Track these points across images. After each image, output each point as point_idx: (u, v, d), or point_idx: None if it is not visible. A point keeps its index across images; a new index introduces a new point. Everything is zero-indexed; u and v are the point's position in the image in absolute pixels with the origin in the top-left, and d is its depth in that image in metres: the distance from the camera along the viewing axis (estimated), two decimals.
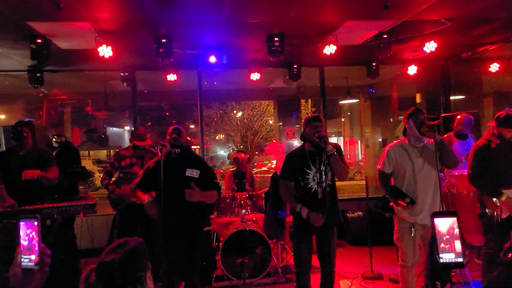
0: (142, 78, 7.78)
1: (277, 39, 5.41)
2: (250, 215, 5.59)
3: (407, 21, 5.19)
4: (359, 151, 21.31)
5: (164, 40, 5.30)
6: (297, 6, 4.50)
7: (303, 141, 3.83)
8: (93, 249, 5.93)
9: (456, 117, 5.71)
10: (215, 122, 25.07)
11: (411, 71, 7.41)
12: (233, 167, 8.53)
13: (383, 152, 3.98)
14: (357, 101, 15.25)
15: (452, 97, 8.13)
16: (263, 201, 5.79)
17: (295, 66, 7.05)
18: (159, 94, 11.32)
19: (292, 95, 14.43)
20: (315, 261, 3.87)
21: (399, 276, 4.02)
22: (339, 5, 4.71)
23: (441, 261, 1.59)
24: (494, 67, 7.39)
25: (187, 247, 3.79)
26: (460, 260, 1.58)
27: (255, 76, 7.13)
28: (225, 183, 6.39)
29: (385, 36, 5.57)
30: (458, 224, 1.59)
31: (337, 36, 5.59)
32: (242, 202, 5.64)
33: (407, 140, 3.83)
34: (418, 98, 9.44)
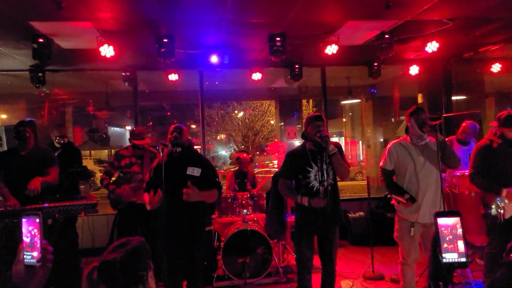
0: (143, 78, 7.79)
1: (278, 39, 5.41)
2: (251, 215, 5.59)
3: (408, 21, 5.19)
4: (361, 152, 21.28)
5: (165, 40, 5.30)
6: (298, 6, 4.49)
7: (304, 140, 3.82)
8: (94, 249, 5.93)
9: (461, 124, 5.59)
10: (216, 122, 25.07)
11: (413, 71, 7.41)
12: (234, 167, 8.53)
13: (385, 149, 4.00)
14: (359, 101, 15.25)
15: (454, 97, 8.11)
16: (265, 201, 5.78)
17: (296, 66, 7.05)
18: (161, 94, 11.32)
19: (293, 95, 14.40)
20: (316, 261, 3.87)
21: (399, 273, 4.03)
22: (341, 5, 4.71)
23: (444, 261, 1.59)
24: (496, 67, 7.38)
25: (189, 247, 3.79)
26: (463, 260, 1.58)
27: (257, 76, 7.13)
28: (226, 183, 6.39)
29: (387, 36, 5.56)
30: (461, 224, 1.58)
31: (339, 36, 5.58)
32: (243, 202, 5.64)
33: (409, 138, 3.86)
34: (419, 98, 9.43)
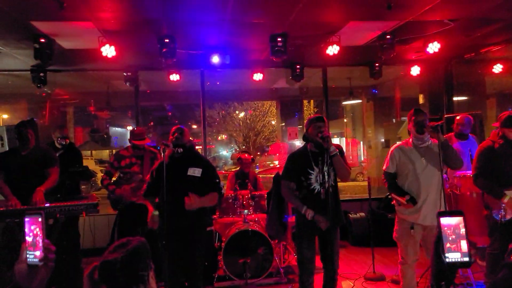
0: (144, 78, 7.79)
1: (280, 39, 5.41)
2: (252, 216, 5.58)
3: (410, 22, 5.18)
4: (361, 152, 21.27)
5: (167, 40, 5.30)
6: (300, 6, 4.49)
7: (305, 142, 3.82)
8: (95, 249, 5.93)
9: (455, 118, 5.70)
10: (217, 122, 25.09)
11: (414, 71, 7.40)
12: (235, 168, 8.52)
13: (387, 153, 4.04)
14: (360, 101, 15.26)
15: (455, 98, 8.10)
16: (266, 201, 5.78)
17: (298, 66, 7.04)
18: (162, 94, 11.33)
19: (294, 96, 14.40)
20: (318, 262, 3.86)
21: (399, 274, 4.02)
22: (342, 6, 4.71)
23: (447, 260, 1.58)
24: (497, 68, 7.37)
25: (190, 247, 3.79)
26: (466, 259, 1.57)
27: (258, 76, 7.13)
28: (227, 183, 6.38)
29: (388, 36, 5.56)
30: (464, 223, 1.58)
31: (340, 36, 5.58)
32: (244, 202, 5.63)
33: (411, 140, 3.88)
34: (421, 98, 9.42)
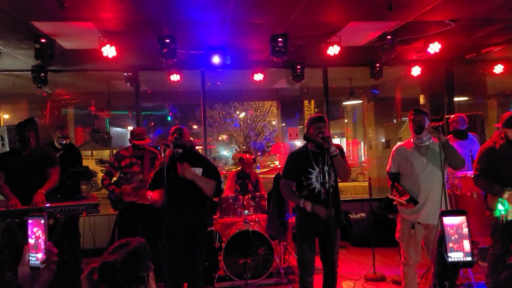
0: (145, 78, 7.79)
1: (280, 39, 5.40)
2: (252, 216, 5.58)
3: (411, 22, 5.18)
4: (362, 152, 21.26)
5: (167, 40, 5.30)
6: (301, 6, 4.49)
7: (306, 142, 3.82)
8: (95, 249, 5.92)
9: (449, 119, 5.67)
10: (217, 122, 25.09)
11: (415, 72, 7.39)
12: (236, 168, 8.50)
13: (390, 153, 4.06)
14: (361, 102, 15.25)
15: (456, 99, 8.09)
16: (266, 201, 5.77)
17: (298, 66, 7.04)
18: (162, 94, 11.33)
19: (295, 96, 14.38)
20: (318, 262, 3.86)
21: (401, 275, 4.02)
22: (343, 6, 4.70)
23: (450, 260, 1.58)
24: (498, 69, 7.37)
25: (190, 247, 3.78)
26: (468, 259, 1.57)
27: (258, 76, 7.12)
28: (228, 183, 6.37)
29: (389, 37, 5.55)
30: (467, 223, 1.57)
31: (341, 37, 5.57)
32: (244, 202, 5.62)
33: (412, 140, 3.90)
34: (421, 99, 9.41)
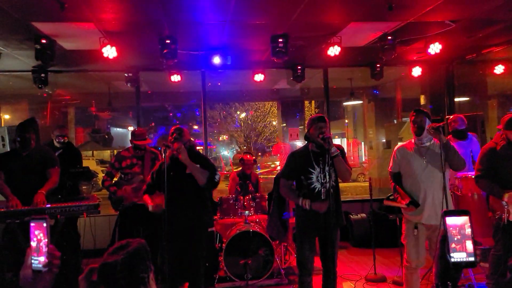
0: (146, 78, 7.79)
1: (281, 40, 5.40)
2: (253, 216, 5.58)
3: (411, 23, 5.17)
4: (363, 153, 21.25)
5: (168, 40, 5.30)
6: (301, 7, 4.48)
7: (307, 141, 3.82)
8: (95, 250, 5.91)
9: (448, 120, 5.69)
10: (218, 123, 25.10)
11: (416, 72, 7.38)
12: (236, 169, 8.51)
13: (392, 152, 4.06)
14: (361, 102, 15.24)
15: (456, 99, 8.08)
16: (267, 202, 5.77)
17: (299, 67, 7.03)
18: (163, 95, 11.34)
19: (296, 96, 14.40)
20: (317, 263, 3.86)
21: (403, 277, 4.01)
22: (344, 6, 4.70)
23: (452, 260, 1.57)
24: (499, 69, 7.36)
25: (191, 247, 3.78)
26: (471, 259, 1.57)
27: (259, 77, 7.12)
28: (229, 184, 6.39)
29: (390, 37, 5.54)
30: (469, 223, 1.57)
31: (341, 37, 5.57)
32: (245, 203, 5.63)
33: (413, 140, 3.90)
34: (422, 99, 9.41)
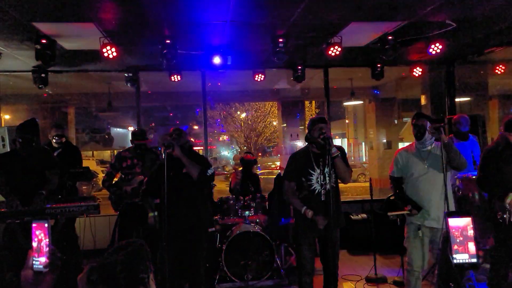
0: (146, 79, 7.79)
1: (281, 40, 5.39)
2: (253, 217, 5.57)
3: (412, 23, 5.16)
4: (363, 153, 21.24)
5: (168, 41, 5.29)
6: (302, 7, 4.48)
7: (307, 142, 3.82)
8: (95, 250, 5.91)
9: (452, 119, 5.68)
10: (218, 123, 25.11)
11: (416, 72, 7.38)
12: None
13: (393, 156, 4.05)
14: (362, 102, 15.25)
15: (457, 99, 8.07)
16: (267, 202, 5.76)
17: (299, 67, 7.02)
18: (163, 95, 11.34)
19: (296, 97, 14.39)
20: (317, 264, 3.85)
21: (404, 279, 4.00)
22: (344, 6, 4.69)
23: (455, 261, 1.57)
24: (500, 70, 7.35)
25: (191, 248, 3.78)
26: (474, 260, 1.57)
27: (259, 77, 7.12)
28: (232, 180, 6.40)
29: (390, 37, 5.53)
30: (472, 225, 1.57)
31: (342, 37, 5.56)
32: (245, 203, 5.62)
33: (414, 144, 3.91)
34: (423, 100, 9.41)
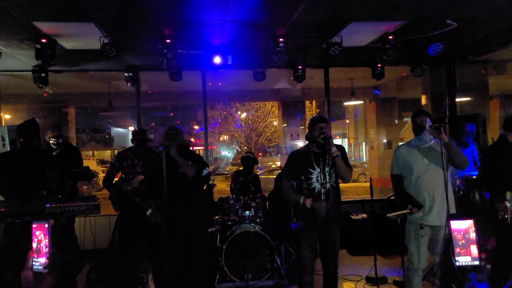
0: (146, 78, 7.79)
1: (281, 40, 5.38)
2: (254, 217, 5.56)
3: (413, 22, 5.15)
4: (364, 153, 21.25)
5: (168, 40, 5.29)
6: (302, 6, 4.47)
7: (308, 142, 3.81)
8: (95, 250, 5.91)
9: (462, 124, 5.61)
10: (218, 123, 25.12)
11: (417, 72, 7.36)
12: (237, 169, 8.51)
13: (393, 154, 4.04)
14: (362, 102, 15.25)
15: (457, 99, 8.07)
16: (267, 202, 5.76)
17: (299, 67, 7.02)
18: (163, 94, 11.34)
19: (296, 96, 14.41)
20: (318, 263, 3.84)
21: (404, 280, 3.99)
22: (344, 6, 4.68)
23: (457, 264, 1.57)
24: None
25: (191, 248, 3.78)
26: (476, 263, 1.56)
27: (259, 77, 7.11)
28: (231, 183, 6.39)
29: (391, 37, 5.53)
30: (474, 227, 1.56)
31: (342, 37, 5.56)
32: (246, 203, 5.61)
33: (414, 141, 3.89)
34: (423, 99, 9.40)
